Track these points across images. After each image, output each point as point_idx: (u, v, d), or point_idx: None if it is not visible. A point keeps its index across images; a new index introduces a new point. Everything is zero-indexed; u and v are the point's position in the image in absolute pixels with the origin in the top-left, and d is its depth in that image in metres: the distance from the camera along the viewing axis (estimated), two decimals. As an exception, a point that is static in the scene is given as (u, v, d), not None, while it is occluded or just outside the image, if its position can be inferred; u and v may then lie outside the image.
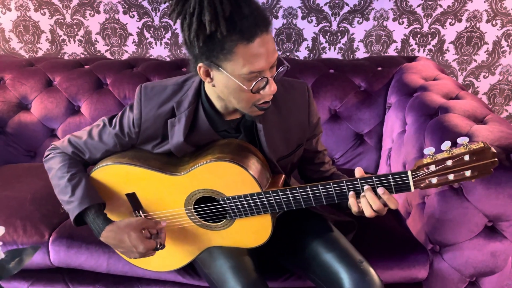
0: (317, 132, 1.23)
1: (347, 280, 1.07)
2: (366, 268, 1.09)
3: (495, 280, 1.39)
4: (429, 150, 0.93)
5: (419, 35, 2.22)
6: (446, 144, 0.92)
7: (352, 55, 2.29)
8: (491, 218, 1.26)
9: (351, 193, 1.02)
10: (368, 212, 1.01)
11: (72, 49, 2.40)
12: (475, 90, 2.36)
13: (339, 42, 2.26)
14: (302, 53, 2.30)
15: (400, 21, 2.19)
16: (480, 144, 0.90)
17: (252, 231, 1.16)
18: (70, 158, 1.19)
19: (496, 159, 0.90)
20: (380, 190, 0.98)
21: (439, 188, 1.29)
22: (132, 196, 1.19)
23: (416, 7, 2.16)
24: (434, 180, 0.95)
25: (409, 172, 0.96)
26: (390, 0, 2.15)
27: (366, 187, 1.00)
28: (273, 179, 1.15)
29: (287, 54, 2.31)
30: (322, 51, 2.28)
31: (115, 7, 2.27)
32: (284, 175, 1.17)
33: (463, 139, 0.90)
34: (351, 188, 1.02)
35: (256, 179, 1.07)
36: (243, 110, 1.05)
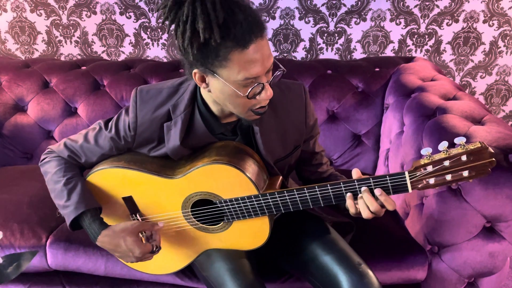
0: (314, 133, 1.22)
1: (345, 283, 1.07)
2: (365, 270, 1.08)
3: (494, 281, 1.39)
4: (426, 151, 0.93)
5: (416, 36, 2.22)
6: (443, 145, 0.91)
7: (349, 56, 2.29)
8: (489, 219, 1.26)
9: (349, 194, 1.02)
10: (365, 214, 1.00)
11: (69, 50, 2.39)
12: (472, 91, 2.36)
13: (337, 43, 2.26)
14: (300, 53, 2.29)
15: (397, 21, 2.19)
16: (477, 144, 0.90)
17: (250, 234, 1.15)
18: (66, 162, 1.19)
19: (494, 159, 0.89)
20: (377, 191, 0.98)
21: (437, 188, 1.29)
22: (129, 200, 1.19)
23: (413, 8, 2.16)
24: (432, 180, 0.95)
25: (406, 173, 0.96)
26: (387, 1, 2.15)
27: (363, 189, 0.99)
28: (270, 181, 1.15)
29: (285, 55, 2.30)
30: (319, 51, 2.28)
31: (111, 7, 2.27)
32: (281, 177, 1.17)
33: (461, 139, 0.90)
34: (348, 190, 1.02)
35: (253, 181, 1.06)
36: (240, 115, 1.04)
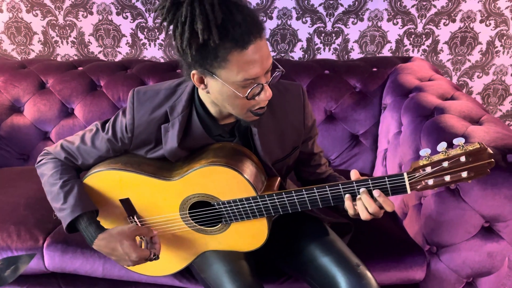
0: (312, 134, 1.22)
1: (344, 284, 1.07)
2: (363, 271, 1.08)
3: (492, 281, 1.39)
4: (425, 152, 0.93)
5: (413, 36, 2.22)
6: (442, 145, 0.91)
7: (346, 56, 2.29)
8: (487, 219, 1.26)
9: (347, 196, 1.01)
10: (364, 215, 1.00)
11: (65, 50, 2.38)
12: (469, 90, 2.36)
13: (334, 43, 2.26)
14: (297, 53, 2.29)
15: (395, 21, 2.19)
16: (476, 145, 0.89)
17: (248, 235, 1.15)
18: (63, 164, 1.18)
19: (493, 160, 0.89)
20: (376, 193, 0.98)
21: (435, 189, 1.29)
22: (126, 202, 1.18)
23: (410, 8, 2.16)
24: (431, 181, 0.95)
25: (405, 174, 0.95)
26: (384, 1, 2.15)
27: (362, 190, 0.99)
28: (268, 182, 1.14)
29: (282, 55, 2.30)
30: (316, 51, 2.28)
31: (108, 8, 2.26)
32: (279, 178, 1.16)
33: (459, 140, 0.90)
34: (347, 191, 1.01)
35: (251, 183, 1.06)
36: (238, 116, 1.04)
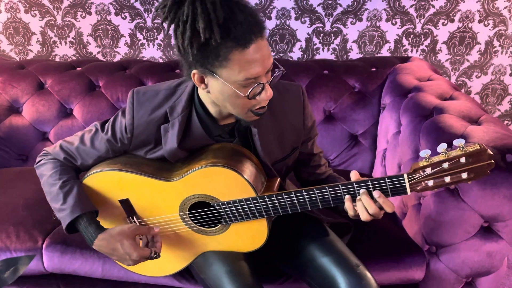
0: (312, 135, 1.22)
1: (343, 284, 1.07)
2: (363, 272, 1.08)
3: (491, 280, 1.40)
4: (425, 153, 0.93)
5: (412, 36, 2.23)
6: (442, 147, 0.91)
7: (345, 56, 2.29)
8: (487, 218, 1.27)
9: (347, 196, 1.01)
10: (364, 216, 1.00)
11: (64, 51, 2.38)
12: (468, 90, 2.37)
13: (333, 43, 2.26)
14: (296, 54, 2.29)
15: (393, 21, 2.20)
16: (476, 146, 0.90)
17: (248, 236, 1.15)
18: (62, 164, 1.18)
19: (493, 161, 0.89)
20: (376, 193, 0.98)
21: (435, 189, 1.29)
22: (125, 202, 1.18)
23: (409, 8, 2.16)
24: (431, 182, 0.95)
25: (405, 175, 0.96)
26: (383, 1, 2.15)
27: (362, 191, 0.99)
28: (268, 183, 1.14)
29: (281, 55, 2.30)
30: (315, 52, 2.28)
31: (106, 8, 2.25)
32: (279, 179, 1.16)
33: (459, 141, 0.90)
34: (347, 192, 1.01)
35: (251, 183, 1.06)
36: (239, 116, 1.04)
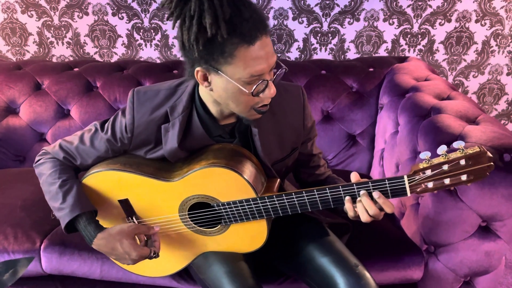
0: (312, 135, 1.22)
1: (342, 284, 1.07)
2: (362, 272, 1.08)
3: (489, 279, 1.40)
4: (425, 155, 0.93)
5: (409, 36, 2.23)
6: (442, 149, 0.92)
7: (343, 56, 2.29)
8: (485, 218, 1.27)
9: (347, 198, 1.01)
10: (364, 217, 1.00)
11: (60, 51, 2.37)
12: (465, 90, 2.38)
13: (330, 43, 2.26)
14: (293, 54, 2.29)
15: (391, 21, 2.20)
16: (476, 149, 0.90)
17: (248, 236, 1.15)
18: (61, 163, 1.17)
19: (492, 164, 0.90)
20: (376, 194, 0.98)
21: (434, 191, 1.30)
22: (125, 202, 1.18)
23: (406, 8, 2.17)
24: (430, 184, 0.95)
25: (405, 177, 0.96)
26: (380, 1, 2.15)
27: (362, 192, 0.99)
28: (268, 183, 1.14)
29: (278, 55, 2.30)
30: (313, 52, 2.28)
31: (103, 8, 2.24)
32: (279, 179, 1.16)
33: (459, 143, 0.91)
34: (347, 193, 1.01)
35: (251, 184, 1.06)
36: (241, 114, 1.04)
